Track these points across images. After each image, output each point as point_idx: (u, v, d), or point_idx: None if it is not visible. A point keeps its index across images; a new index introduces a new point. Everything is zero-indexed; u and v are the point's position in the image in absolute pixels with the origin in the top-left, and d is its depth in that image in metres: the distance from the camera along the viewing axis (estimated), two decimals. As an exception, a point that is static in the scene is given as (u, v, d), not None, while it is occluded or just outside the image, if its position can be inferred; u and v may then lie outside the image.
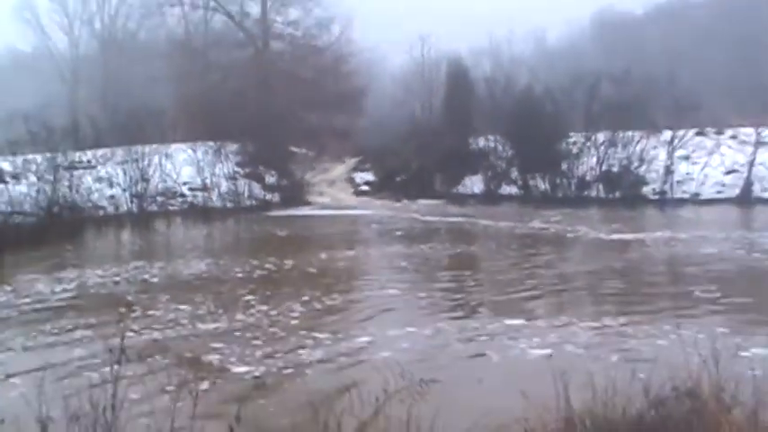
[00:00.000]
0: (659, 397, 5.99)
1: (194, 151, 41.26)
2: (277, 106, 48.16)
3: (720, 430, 5.42)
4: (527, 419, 6.14)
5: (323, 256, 21.83)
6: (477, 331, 12.43)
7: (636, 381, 6.25)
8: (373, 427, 5.72)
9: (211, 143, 41.72)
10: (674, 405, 5.88)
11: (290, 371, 10.41)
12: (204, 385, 9.30)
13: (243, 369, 10.50)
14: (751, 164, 36.80)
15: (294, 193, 42.97)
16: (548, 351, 10.91)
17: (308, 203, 42.16)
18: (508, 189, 41.62)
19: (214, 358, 11.07)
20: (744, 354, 9.56)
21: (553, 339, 11.67)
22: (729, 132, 40.17)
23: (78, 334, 12.97)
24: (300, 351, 11.45)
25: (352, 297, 16.34)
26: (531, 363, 10.34)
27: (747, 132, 38.26)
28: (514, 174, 41.79)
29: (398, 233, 27.70)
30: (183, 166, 40.86)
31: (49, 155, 35.57)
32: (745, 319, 12.78)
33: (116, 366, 5.41)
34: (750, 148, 37.25)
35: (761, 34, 55.26)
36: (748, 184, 36.44)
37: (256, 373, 10.27)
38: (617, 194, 37.99)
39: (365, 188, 46.79)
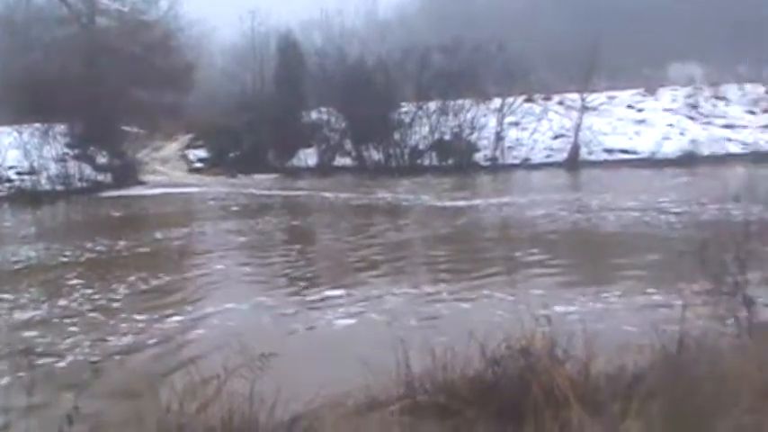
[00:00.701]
0: (495, 356, 6.04)
1: (20, 134, 39.48)
2: (105, 84, 46.61)
3: (553, 383, 5.51)
4: (369, 387, 6.14)
5: (157, 235, 21.32)
6: (311, 303, 12.36)
7: (474, 343, 6.28)
8: (216, 405, 5.59)
9: (38, 125, 40.03)
10: (510, 363, 5.94)
11: (118, 356, 10.05)
12: (27, 375, 8.87)
13: (68, 358, 10.07)
14: (577, 128, 38.05)
15: (127, 173, 41.74)
16: (384, 318, 10.93)
17: (141, 183, 41.07)
18: (342, 161, 41.69)
19: (34, 347, 10.58)
20: (572, 309, 9.82)
21: (386, 307, 11.70)
22: (556, 98, 41.38)
23: None
24: (124, 335, 11.07)
25: (182, 275, 15.95)
26: (370, 331, 10.33)
27: (573, 98, 39.54)
28: (348, 145, 41.88)
29: (234, 209, 27.37)
30: (8, 149, 39.06)
31: None
32: (572, 278, 13.17)
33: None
34: (576, 114, 38.48)
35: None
36: (575, 148, 37.67)
37: (82, 360, 9.88)
38: (450, 162, 38.61)
39: (199, 165, 46.08)
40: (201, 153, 47.42)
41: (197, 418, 5.54)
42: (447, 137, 39.39)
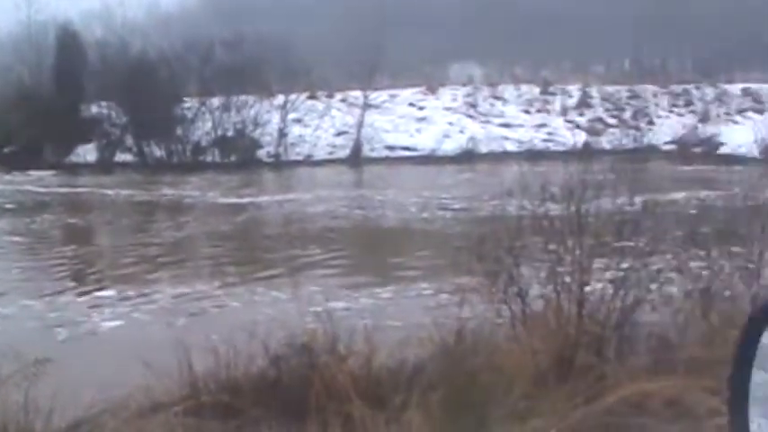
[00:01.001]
0: (277, 354, 6.03)
1: None
2: None
3: (335, 379, 5.55)
4: (151, 388, 6.01)
5: None
6: (83, 305, 11.99)
7: (257, 341, 6.25)
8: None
9: None
10: (292, 360, 5.95)
11: None
12: None
13: None
14: (360, 125, 38.49)
15: None
16: (158, 318, 10.74)
17: None
18: (123, 156, 40.44)
19: None
20: (354, 305, 9.94)
21: (159, 306, 11.51)
22: (339, 96, 41.71)
23: None
24: None
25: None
26: (146, 332, 10.11)
27: (356, 95, 39.96)
28: (129, 141, 40.73)
29: (8, 206, 26.05)
30: None
31: None
32: (354, 274, 13.34)
33: None
34: (359, 111, 38.95)
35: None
36: (357, 145, 38.10)
37: None
38: (232, 158, 38.21)
39: (-30, 161, 43.60)
40: (-28, 149, 44.88)
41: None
42: (230, 133, 38.96)
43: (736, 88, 44.26)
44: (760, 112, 41.37)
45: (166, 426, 5.62)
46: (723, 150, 36.98)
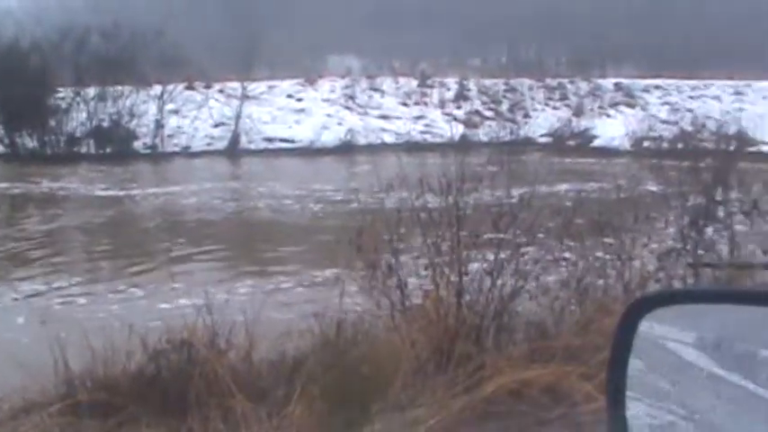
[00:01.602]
0: (156, 350, 5.95)
1: None
2: None
3: (216, 373, 5.51)
4: (25, 388, 5.88)
5: None
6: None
7: (134, 337, 6.14)
8: None
9: None
10: (171, 356, 5.88)
11: None
12: None
13: None
14: (237, 117, 38.19)
15: None
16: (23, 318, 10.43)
17: None
18: (-7, 148, 39.24)
19: None
20: (233, 298, 9.86)
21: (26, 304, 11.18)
22: (218, 86, 41.29)
23: None
24: None
25: None
26: (15, 333, 9.80)
27: (234, 86, 39.63)
28: (0, 132, 39.45)
29: None
30: None
31: None
32: (233, 267, 13.24)
33: None
34: (237, 102, 38.63)
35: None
36: (235, 137, 37.81)
37: None
38: (108, 150, 37.40)
39: None
40: None
41: None
42: (106, 124, 38.13)
43: (608, 83, 45.65)
44: (631, 106, 42.76)
45: (41, 426, 5.48)
46: (597, 143, 38.11)
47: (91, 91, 38.07)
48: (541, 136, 39.98)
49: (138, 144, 37.99)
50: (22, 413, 5.73)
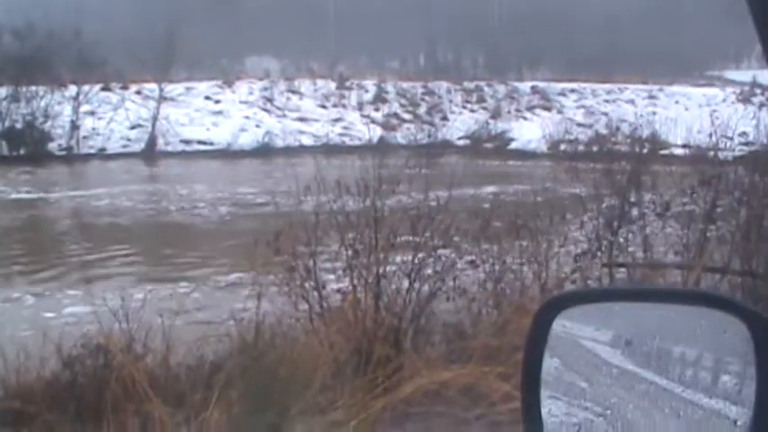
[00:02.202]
0: (71, 356, 5.85)
1: None
2: None
3: (132, 379, 5.43)
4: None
5: None
6: None
7: (48, 343, 6.02)
8: None
9: None
10: (87, 362, 5.79)
11: None
12: None
13: None
14: (154, 119, 37.74)
15: None
16: None
17: None
18: None
19: None
20: (149, 304, 9.73)
21: None
22: (134, 88, 40.74)
23: None
24: None
25: None
26: None
27: (151, 88, 39.14)
28: None
29: None
30: None
31: None
32: (148, 271, 13.05)
33: None
34: (154, 103, 38.16)
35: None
36: (152, 139, 37.35)
37: None
38: (22, 151, 36.61)
39: None
40: None
41: None
42: (19, 125, 37.31)
43: (525, 86, 46.18)
44: (548, 109, 43.35)
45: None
46: (514, 146, 38.52)
47: (3, 91, 37.23)
48: (459, 138, 40.26)
49: (52, 146, 37.22)
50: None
